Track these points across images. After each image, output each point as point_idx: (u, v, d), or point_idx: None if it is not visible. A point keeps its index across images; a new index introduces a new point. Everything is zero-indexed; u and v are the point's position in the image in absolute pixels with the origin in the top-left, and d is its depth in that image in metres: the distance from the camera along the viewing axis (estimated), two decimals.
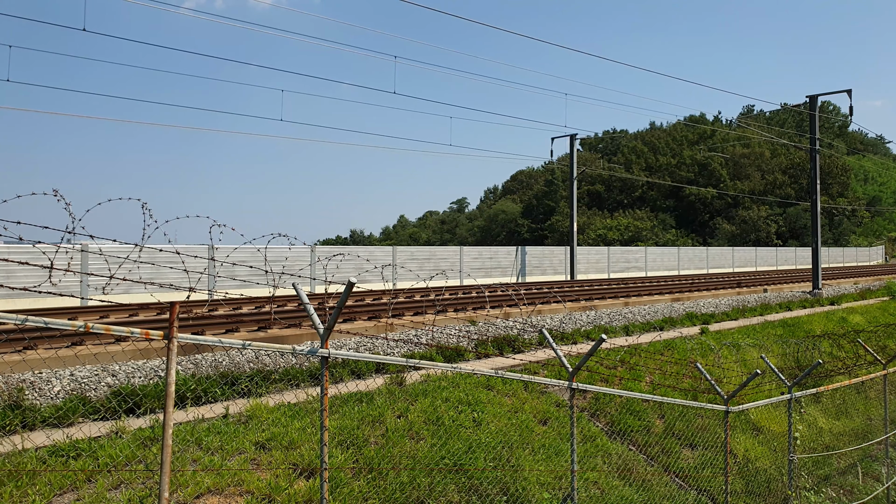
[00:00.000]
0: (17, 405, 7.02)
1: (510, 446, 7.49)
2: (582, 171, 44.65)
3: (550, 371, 10.77)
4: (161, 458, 3.45)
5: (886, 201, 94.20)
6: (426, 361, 4.87)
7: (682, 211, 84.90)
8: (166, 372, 3.42)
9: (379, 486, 6.01)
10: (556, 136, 36.91)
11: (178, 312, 3.48)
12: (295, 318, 14.10)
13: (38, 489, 5.21)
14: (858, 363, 13.47)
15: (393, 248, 30.56)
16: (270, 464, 6.07)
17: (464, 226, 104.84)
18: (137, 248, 18.66)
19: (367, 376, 9.57)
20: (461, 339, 12.98)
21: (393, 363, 6.03)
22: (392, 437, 6.96)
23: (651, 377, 11.53)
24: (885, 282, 34.76)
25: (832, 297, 26.42)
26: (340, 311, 3.91)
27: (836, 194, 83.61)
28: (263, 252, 22.70)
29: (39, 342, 9.91)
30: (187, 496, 5.36)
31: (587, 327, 15.84)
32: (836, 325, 19.62)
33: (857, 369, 13.27)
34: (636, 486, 8.10)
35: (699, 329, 16.40)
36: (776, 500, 9.48)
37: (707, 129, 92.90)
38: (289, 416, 7.20)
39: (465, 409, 8.15)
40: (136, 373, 8.96)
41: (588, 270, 39.66)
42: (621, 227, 76.72)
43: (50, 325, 3.09)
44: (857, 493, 10.65)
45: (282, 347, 4.04)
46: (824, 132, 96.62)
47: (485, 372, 5.58)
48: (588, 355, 5.62)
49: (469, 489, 6.54)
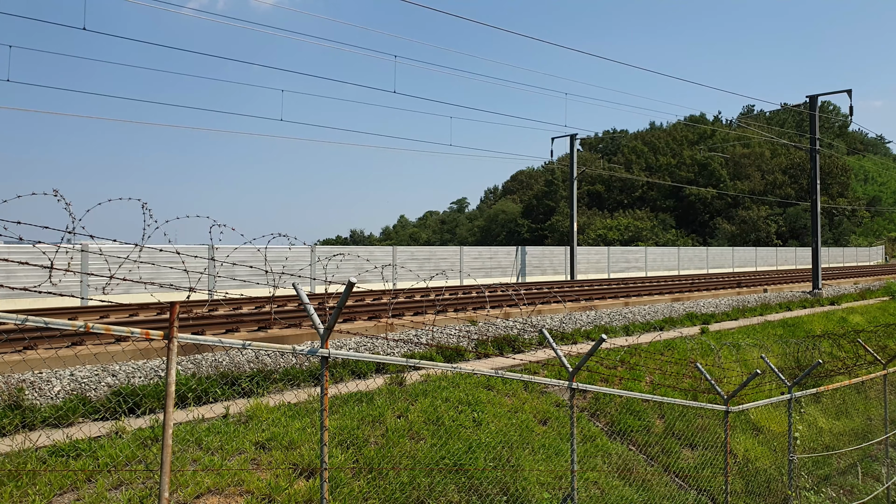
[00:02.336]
0: (17, 405, 7.03)
1: (510, 446, 7.49)
2: (582, 171, 44.65)
3: (550, 371, 10.77)
4: (161, 458, 3.45)
5: (886, 201, 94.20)
6: (426, 361, 4.87)
7: (682, 211, 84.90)
8: (166, 372, 3.42)
9: (379, 486, 6.01)
10: (556, 136, 36.92)
11: (178, 312, 3.48)
12: (295, 318, 14.10)
13: (38, 489, 5.21)
14: (858, 363, 13.47)
15: (393, 248, 30.56)
16: (270, 464, 6.07)
17: (464, 226, 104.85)
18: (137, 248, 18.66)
19: (368, 376, 9.57)
20: (461, 339, 12.98)
21: (393, 363, 6.03)
22: (392, 437, 6.96)
23: (651, 377, 11.53)
24: (884, 282, 34.76)
25: (832, 297, 26.42)
26: (340, 311, 3.91)
27: (836, 194, 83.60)
28: (263, 252, 22.69)
29: (39, 342, 9.91)
30: (187, 496, 5.36)
31: (587, 327, 15.84)
32: (836, 325, 19.62)
33: (857, 369, 13.27)
34: (636, 486, 8.10)
35: (699, 329, 16.39)
36: (776, 500, 9.48)
37: (707, 129, 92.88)
38: (289, 416, 7.20)
39: (465, 409, 8.15)
40: (137, 373, 8.96)
41: (588, 270, 39.66)
42: (621, 227, 76.71)
43: (50, 325, 3.09)
44: (857, 493, 10.65)
45: (282, 347, 4.04)
46: (824, 132, 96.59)
47: (485, 372, 5.58)
48: (588, 355, 5.63)
49: (469, 489, 6.54)
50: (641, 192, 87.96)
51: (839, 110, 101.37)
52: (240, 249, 23.23)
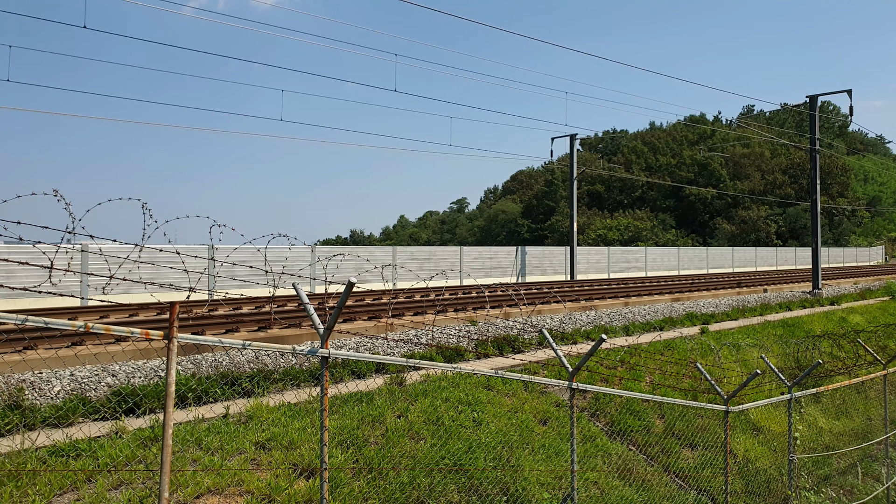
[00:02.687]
0: (17, 405, 7.02)
1: (510, 446, 7.49)
2: (582, 171, 44.65)
3: (550, 371, 10.77)
4: (161, 458, 3.45)
5: (886, 201, 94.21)
6: (426, 361, 4.87)
7: (682, 211, 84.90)
8: (166, 372, 3.42)
9: (379, 486, 6.01)
10: (556, 136, 36.93)
11: (178, 312, 3.48)
12: (295, 318, 14.10)
13: (38, 489, 5.21)
14: (858, 363, 13.47)
15: (393, 249, 30.56)
16: (270, 464, 6.07)
17: (464, 226, 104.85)
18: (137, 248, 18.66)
19: (368, 376, 9.57)
20: (461, 339, 12.98)
21: (393, 363, 6.03)
22: (392, 437, 6.96)
23: (651, 377, 11.53)
24: (884, 282, 34.76)
25: (832, 297, 26.42)
26: (340, 311, 3.91)
27: (836, 194, 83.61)
28: (263, 252, 22.69)
29: (39, 342, 9.91)
30: (187, 496, 5.35)
31: (587, 327, 15.84)
32: (836, 325, 19.62)
33: (857, 369, 13.27)
34: (636, 486, 8.10)
35: (699, 329, 16.39)
36: (776, 500, 9.48)
37: (707, 129, 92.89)
38: (289, 416, 7.19)
39: (465, 409, 8.15)
40: (137, 373, 8.96)
41: (588, 270, 39.66)
42: (621, 227, 76.71)
43: (50, 325, 3.09)
44: (857, 493, 10.65)
45: (282, 347, 4.04)
46: (824, 132, 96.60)
47: (485, 372, 5.58)
48: (588, 355, 5.63)
49: (469, 489, 6.54)
50: (641, 192, 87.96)
51: (839, 110, 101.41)
52: (240, 249, 23.23)
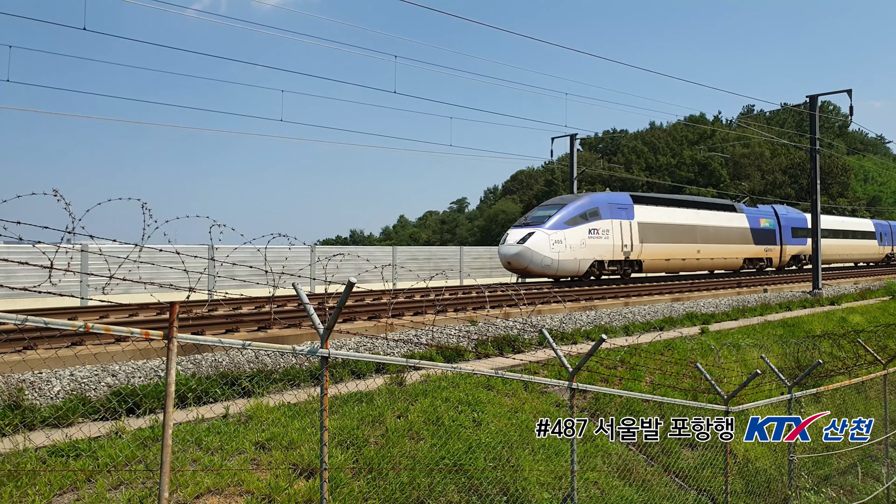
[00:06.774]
0: (17, 405, 7.02)
1: (510, 446, 7.49)
2: (582, 171, 44.64)
3: (550, 371, 10.77)
4: (161, 458, 3.45)
5: (886, 201, 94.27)
6: (426, 361, 4.87)
7: None
8: (166, 372, 3.42)
9: (379, 486, 6.01)
10: (556, 136, 36.87)
11: (177, 312, 3.48)
12: (295, 318, 14.09)
13: (38, 489, 5.21)
14: (858, 363, 13.46)
15: (393, 248, 30.56)
16: (270, 464, 6.07)
17: (464, 226, 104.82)
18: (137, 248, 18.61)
19: (367, 376, 9.56)
20: (461, 339, 12.97)
21: (393, 363, 6.03)
22: (392, 438, 6.96)
23: (651, 377, 11.52)
24: (885, 282, 34.73)
25: (832, 297, 26.41)
26: (340, 311, 3.91)
27: (836, 194, 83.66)
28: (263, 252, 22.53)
29: (39, 342, 9.90)
30: (187, 496, 5.35)
31: (587, 327, 15.83)
32: (836, 325, 19.62)
33: (857, 369, 13.26)
34: (636, 486, 8.10)
35: (699, 329, 16.39)
36: (776, 500, 9.48)
37: (707, 129, 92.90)
38: (289, 416, 7.19)
39: (465, 409, 8.15)
40: (137, 373, 8.95)
41: None
42: None
43: (50, 325, 3.09)
44: (857, 493, 10.65)
45: (282, 347, 4.04)
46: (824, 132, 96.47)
47: (485, 372, 5.58)
48: (588, 355, 5.63)
49: (469, 489, 6.54)
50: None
51: (839, 110, 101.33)
52: (240, 249, 23.21)
